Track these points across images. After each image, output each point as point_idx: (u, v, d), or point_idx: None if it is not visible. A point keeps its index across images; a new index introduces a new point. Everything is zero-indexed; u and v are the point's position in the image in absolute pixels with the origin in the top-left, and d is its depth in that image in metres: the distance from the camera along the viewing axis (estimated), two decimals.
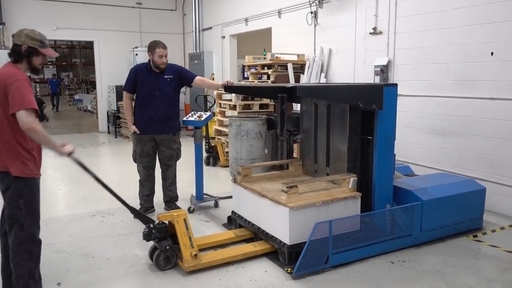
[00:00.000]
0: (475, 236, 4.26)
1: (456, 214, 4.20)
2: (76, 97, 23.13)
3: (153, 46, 4.64)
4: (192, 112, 5.35)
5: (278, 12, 8.59)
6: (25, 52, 2.87)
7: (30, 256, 2.90)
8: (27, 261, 2.88)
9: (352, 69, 6.87)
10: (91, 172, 3.17)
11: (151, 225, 3.55)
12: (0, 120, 2.80)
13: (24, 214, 2.85)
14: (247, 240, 4.08)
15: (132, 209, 3.71)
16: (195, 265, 3.49)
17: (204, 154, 6.89)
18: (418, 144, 5.84)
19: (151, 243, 3.95)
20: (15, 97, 2.71)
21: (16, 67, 2.88)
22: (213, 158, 7.72)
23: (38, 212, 2.96)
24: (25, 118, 2.70)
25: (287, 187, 3.57)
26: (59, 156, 2.95)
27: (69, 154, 2.96)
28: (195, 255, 3.49)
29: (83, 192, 6.07)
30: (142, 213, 3.73)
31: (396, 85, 4.02)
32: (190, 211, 4.99)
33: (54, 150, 2.89)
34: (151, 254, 3.63)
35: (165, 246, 3.53)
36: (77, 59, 28.25)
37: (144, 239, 3.58)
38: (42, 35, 2.96)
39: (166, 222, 3.61)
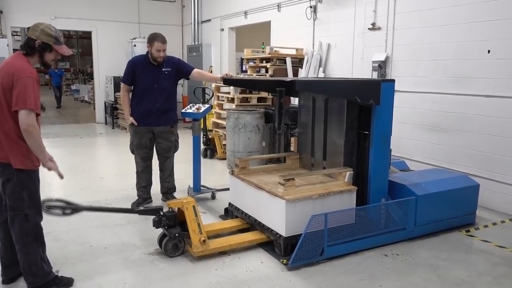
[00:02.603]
0: (468, 231, 4.34)
1: (449, 209, 4.26)
2: (73, 87, 23.05)
3: (152, 39, 4.64)
4: (191, 104, 5.38)
5: (278, 5, 8.59)
6: (38, 47, 2.87)
7: (37, 243, 2.97)
8: (36, 248, 2.96)
9: (350, 64, 6.90)
10: (80, 207, 3.30)
11: (161, 213, 3.62)
12: (2, 111, 2.81)
13: (27, 205, 2.90)
14: (242, 231, 4.13)
15: (138, 212, 3.82)
16: (203, 251, 3.57)
17: (202, 147, 6.93)
18: (414, 140, 5.90)
19: (150, 233, 4.01)
20: (19, 95, 2.72)
21: (26, 61, 2.88)
22: (211, 150, 7.75)
23: (39, 200, 3.02)
24: (25, 119, 2.72)
25: (284, 179, 3.61)
26: (42, 166, 2.97)
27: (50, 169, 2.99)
28: (204, 241, 3.57)
29: (80, 182, 6.10)
30: (148, 209, 3.80)
31: (393, 80, 4.06)
32: None
33: (40, 159, 2.90)
34: (160, 241, 3.69)
35: (174, 233, 3.60)
36: (74, 49, 28.07)
37: (154, 226, 3.65)
38: (57, 32, 2.96)
39: (176, 209, 3.67)
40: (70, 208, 3.27)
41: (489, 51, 4.93)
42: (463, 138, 5.28)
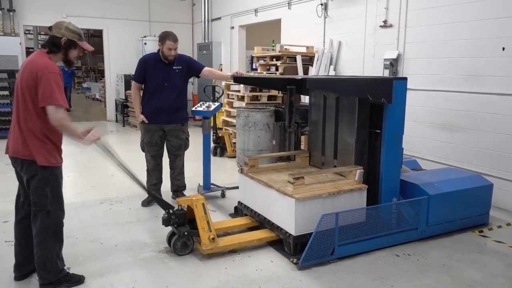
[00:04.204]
0: (481, 231, 4.27)
1: (462, 209, 4.20)
2: (85, 85, 23.24)
3: (163, 37, 4.64)
4: (201, 102, 5.38)
5: (288, 3, 8.55)
6: (64, 44, 2.93)
7: (56, 239, 3.01)
8: (53, 244, 3.00)
9: (361, 62, 6.84)
10: (115, 157, 3.24)
11: (171, 211, 3.63)
12: (27, 109, 2.84)
13: (50, 201, 2.93)
14: (251, 229, 4.11)
15: (153, 196, 3.87)
16: (212, 248, 3.56)
17: (212, 145, 6.92)
18: (426, 139, 5.83)
19: (160, 231, 4.02)
20: (45, 91, 2.76)
21: (48, 58, 2.91)
22: (221, 148, 7.75)
23: (62, 197, 3.05)
24: (55, 114, 2.78)
25: (293, 178, 3.59)
26: (83, 146, 3.03)
27: (96, 141, 3.03)
28: (213, 238, 3.56)
29: (92, 179, 6.14)
30: (162, 199, 3.80)
31: (405, 78, 4.00)
32: None
33: (79, 142, 2.97)
34: (169, 239, 3.70)
35: (183, 232, 3.60)
36: None
37: (163, 224, 3.66)
38: (79, 29, 3.02)
39: (185, 206, 3.68)
40: (108, 151, 3.18)
41: (503, 49, 4.84)
42: (477, 137, 5.19)
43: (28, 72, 2.82)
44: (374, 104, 3.92)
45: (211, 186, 5.32)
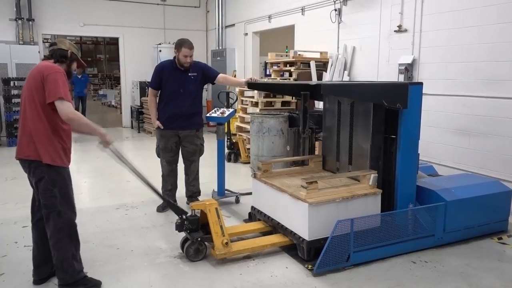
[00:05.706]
0: (500, 238, 4.19)
1: (480, 216, 4.13)
2: (101, 92, 23.57)
3: (179, 45, 4.69)
4: (216, 109, 5.41)
5: (302, 9, 8.57)
6: (70, 56, 3.14)
7: (70, 240, 3.06)
8: (68, 245, 3.05)
9: (375, 67, 6.81)
10: (128, 163, 3.33)
11: (184, 217, 3.65)
12: (36, 110, 2.93)
13: (59, 202, 2.99)
14: (265, 234, 4.11)
15: (167, 201, 3.91)
16: (226, 253, 3.56)
17: (226, 151, 6.95)
18: (442, 144, 5.76)
19: (175, 236, 4.04)
20: (51, 88, 2.87)
21: (52, 63, 3.06)
22: (235, 154, 7.77)
23: (72, 197, 3.11)
24: (62, 109, 2.87)
25: (306, 182, 3.57)
26: (100, 143, 3.09)
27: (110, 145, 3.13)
28: (226, 243, 3.56)
29: (107, 185, 6.21)
30: (175, 205, 3.83)
31: (421, 83, 3.97)
32: None
33: (97, 136, 3.06)
34: (182, 245, 3.72)
35: (196, 238, 3.62)
36: (102, 55, 28.78)
37: (176, 230, 3.69)
38: None
39: (198, 211, 3.70)
40: (119, 157, 3.26)
41: None
42: (495, 143, 5.11)
43: (35, 74, 2.95)
44: (389, 110, 3.89)
45: (226, 192, 5.33)
